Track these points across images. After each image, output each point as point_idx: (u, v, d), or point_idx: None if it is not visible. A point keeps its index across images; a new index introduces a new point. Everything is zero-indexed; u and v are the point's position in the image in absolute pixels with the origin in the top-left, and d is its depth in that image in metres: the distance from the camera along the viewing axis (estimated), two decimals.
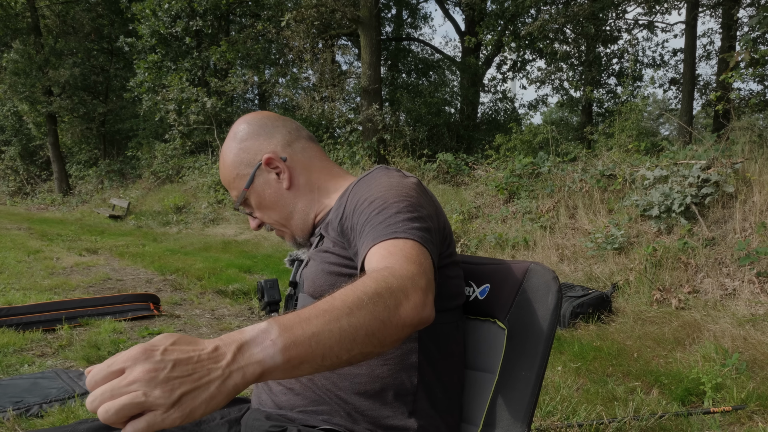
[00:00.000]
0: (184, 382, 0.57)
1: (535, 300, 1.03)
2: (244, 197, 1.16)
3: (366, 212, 0.94)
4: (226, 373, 0.60)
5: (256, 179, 1.14)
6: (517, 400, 0.99)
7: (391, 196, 0.94)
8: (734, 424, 2.43)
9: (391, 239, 0.86)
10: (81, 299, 4.26)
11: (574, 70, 15.58)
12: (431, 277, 0.82)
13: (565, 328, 3.82)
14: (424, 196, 1.01)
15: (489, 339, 1.07)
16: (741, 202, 4.49)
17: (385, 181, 1.00)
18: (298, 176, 1.15)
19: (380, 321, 0.70)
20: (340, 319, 0.67)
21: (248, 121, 1.17)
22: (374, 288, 0.72)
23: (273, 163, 1.13)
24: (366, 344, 0.68)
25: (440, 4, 17.85)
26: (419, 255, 0.83)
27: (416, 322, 0.75)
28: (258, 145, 1.15)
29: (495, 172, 7.56)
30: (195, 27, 13.73)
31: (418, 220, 0.90)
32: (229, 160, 1.16)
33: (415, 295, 0.75)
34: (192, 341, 0.62)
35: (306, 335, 0.64)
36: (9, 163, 22.67)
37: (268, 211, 1.17)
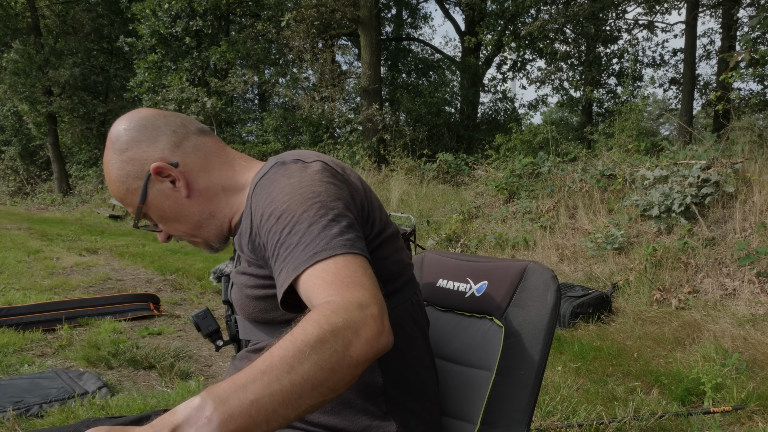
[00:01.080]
0: None
1: (533, 299, 1.03)
2: (140, 213, 1.02)
3: (275, 231, 0.82)
4: None
5: (150, 192, 1.00)
6: (516, 399, 0.99)
7: (297, 204, 0.82)
8: (734, 424, 2.43)
9: (317, 263, 0.75)
10: (81, 299, 4.26)
11: (574, 70, 15.59)
12: (380, 295, 0.73)
13: (565, 328, 3.82)
14: (334, 181, 0.89)
15: (486, 337, 1.07)
16: (741, 202, 4.49)
17: (284, 183, 0.87)
18: (196, 180, 1.01)
19: (328, 369, 0.64)
20: (280, 378, 0.61)
21: (125, 126, 1.01)
22: (316, 334, 0.65)
23: (164, 171, 0.98)
24: (315, 396, 0.63)
25: (440, 4, 17.86)
26: (356, 271, 0.74)
27: (372, 356, 0.68)
28: (142, 152, 0.99)
29: (495, 172, 7.56)
30: (195, 27, 13.73)
31: (336, 221, 0.80)
32: (114, 175, 1.00)
33: (366, 329, 0.68)
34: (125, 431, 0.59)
35: (244, 405, 0.59)
36: (9, 163, 22.67)
37: (173, 223, 1.04)
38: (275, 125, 14.01)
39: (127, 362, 3.14)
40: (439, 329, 1.18)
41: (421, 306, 1.05)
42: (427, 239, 6.63)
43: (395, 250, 0.99)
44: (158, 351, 3.24)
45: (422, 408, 1.00)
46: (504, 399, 1.00)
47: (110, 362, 3.13)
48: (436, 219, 7.32)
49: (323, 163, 0.92)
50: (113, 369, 3.09)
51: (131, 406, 2.48)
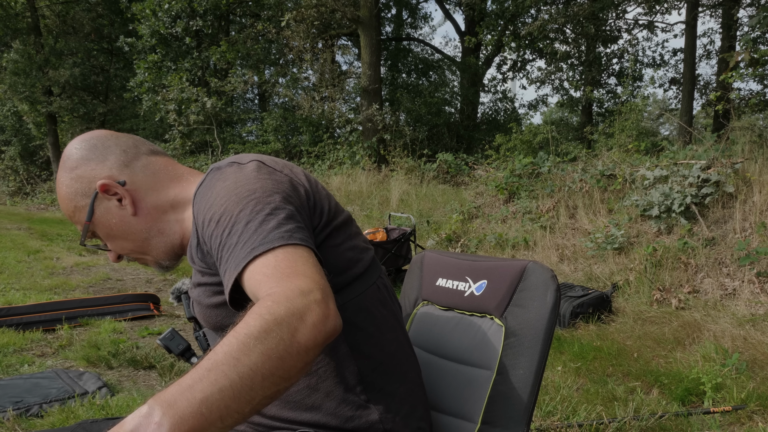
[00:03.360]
0: None
1: (533, 298, 1.03)
2: (87, 231, 1.02)
3: (216, 234, 0.83)
4: None
5: (97, 209, 1.01)
6: (516, 399, 0.99)
7: (233, 205, 0.82)
8: (734, 424, 2.43)
9: (256, 258, 0.75)
10: (81, 299, 4.26)
11: (574, 70, 15.59)
12: (324, 281, 0.73)
13: (565, 328, 3.82)
14: (270, 177, 0.89)
15: (486, 336, 1.07)
16: (741, 202, 4.49)
17: (220, 187, 0.87)
18: (144, 199, 1.02)
19: (276, 358, 0.63)
20: (227, 373, 0.61)
21: (77, 146, 1.02)
22: (259, 325, 0.64)
23: (110, 189, 1.00)
24: (267, 387, 0.63)
25: (440, 4, 17.86)
26: (296, 261, 0.74)
27: (322, 340, 0.68)
28: (90, 171, 1.00)
29: (495, 172, 7.56)
30: (195, 27, 13.73)
31: (273, 215, 0.80)
32: (63, 192, 1.02)
33: (311, 314, 0.67)
34: None
35: (194, 405, 0.59)
36: (9, 163, 22.66)
37: (120, 241, 1.04)
38: (275, 125, 14.02)
39: (127, 362, 3.14)
40: (439, 328, 1.18)
41: (389, 289, 1.05)
42: (427, 239, 6.63)
43: (349, 236, 0.98)
44: (158, 351, 3.24)
45: (404, 388, 0.99)
46: (504, 398, 1.01)
47: (110, 362, 3.13)
48: (436, 219, 7.32)
49: (259, 162, 0.93)
50: (113, 369, 3.09)
51: (131, 407, 2.48)
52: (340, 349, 0.94)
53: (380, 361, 0.97)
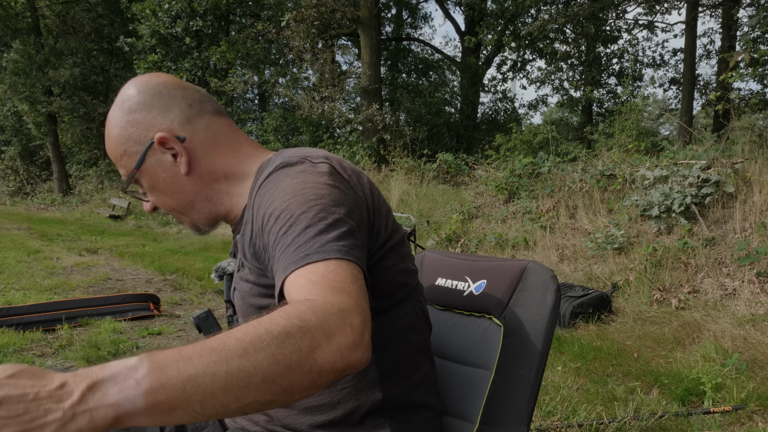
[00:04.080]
0: (9, 423, 0.49)
1: (532, 298, 1.03)
2: (132, 178, 0.97)
3: (273, 231, 0.79)
4: (68, 416, 0.51)
5: (148, 159, 0.95)
6: (516, 399, 0.99)
7: (297, 205, 0.78)
8: (734, 424, 2.43)
9: (307, 265, 0.71)
10: (81, 299, 4.26)
11: (574, 70, 15.59)
12: (366, 307, 0.67)
13: (565, 328, 3.82)
14: (339, 185, 0.85)
15: (485, 336, 1.07)
16: (741, 202, 4.49)
17: (287, 183, 0.84)
18: (199, 160, 0.96)
19: (285, 366, 0.57)
20: (229, 360, 0.55)
21: (140, 88, 0.96)
22: (283, 326, 0.59)
23: (168, 143, 0.94)
24: (263, 392, 0.57)
25: (440, 4, 17.86)
26: (346, 278, 0.69)
27: (341, 367, 0.61)
28: (150, 119, 0.94)
29: (495, 172, 7.56)
30: (195, 27, 13.73)
31: (335, 226, 0.75)
32: (114, 133, 0.96)
33: (341, 336, 0.61)
34: (37, 375, 0.53)
35: (181, 378, 0.54)
36: (9, 163, 22.68)
37: (163, 197, 0.99)
38: (275, 125, 14.02)
39: None
40: (438, 328, 1.18)
41: (425, 313, 1.02)
42: (427, 239, 6.63)
43: (401, 257, 0.95)
44: None
45: (423, 418, 0.97)
46: (503, 398, 1.00)
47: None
48: (436, 219, 7.32)
49: (330, 165, 0.88)
50: None
51: None
52: (369, 373, 0.92)
53: (405, 390, 0.95)
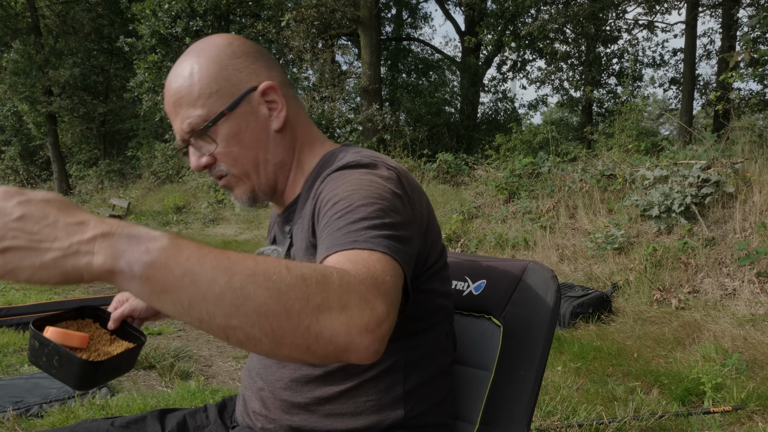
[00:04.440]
0: (19, 237, 0.52)
1: (533, 298, 1.03)
2: (216, 121, 0.89)
3: (327, 215, 0.77)
4: (71, 249, 0.53)
5: (241, 106, 0.90)
6: (516, 399, 0.99)
7: (358, 198, 0.76)
8: (734, 424, 2.43)
9: (352, 250, 0.67)
10: (81, 299, 4.26)
11: (574, 70, 15.59)
12: (396, 306, 0.63)
13: (565, 328, 3.82)
14: (404, 199, 0.83)
15: (484, 336, 1.06)
16: (741, 202, 4.49)
17: (354, 177, 0.82)
18: (291, 122, 0.96)
19: (283, 308, 0.54)
20: (234, 274, 0.53)
21: (242, 41, 0.94)
22: (304, 273, 0.56)
23: (271, 94, 0.92)
24: (251, 324, 0.53)
25: (440, 4, 17.86)
26: (387, 272, 0.65)
27: (342, 345, 0.56)
28: (255, 68, 0.92)
29: (495, 172, 7.56)
30: (195, 27, 13.73)
31: (391, 228, 0.73)
32: (206, 71, 0.89)
33: (357, 313, 0.56)
34: (67, 207, 0.56)
35: (184, 267, 0.53)
36: (9, 163, 22.68)
37: (239, 149, 0.92)
38: None
39: None
40: None
41: (453, 335, 1.03)
42: None
43: (443, 280, 0.95)
44: (158, 351, 3.24)
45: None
46: (503, 399, 1.00)
47: None
48: None
49: (398, 176, 0.86)
50: None
51: (131, 406, 2.48)
52: (395, 390, 0.91)
53: (426, 410, 0.95)
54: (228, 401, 1.14)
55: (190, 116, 0.90)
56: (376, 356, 0.59)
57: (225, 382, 3.02)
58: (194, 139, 0.91)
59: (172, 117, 0.93)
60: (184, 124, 0.90)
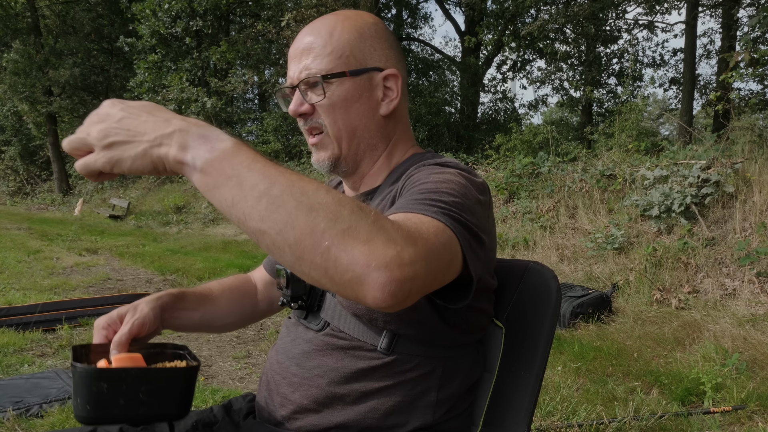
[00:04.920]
0: (120, 133, 0.65)
1: (534, 299, 1.03)
2: (335, 77, 0.91)
3: (410, 192, 0.80)
4: (156, 142, 0.64)
5: (361, 78, 0.93)
6: (517, 400, 0.99)
7: (444, 188, 0.78)
8: (734, 424, 2.43)
9: (418, 213, 0.70)
10: (81, 299, 4.27)
11: (574, 70, 15.60)
12: (428, 260, 0.62)
13: (565, 328, 3.82)
14: (486, 205, 0.86)
15: (486, 337, 1.07)
16: (741, 202, 4.49)
17: (449, 173, 0.84)
18: (397, 114, 0.99)
19: (310, 223, 0.57)
20: (276, 183, 0.59)
21: (387, 28, 0.98)
22: (344, 200, 0.59)
23: (392, 82, 0.95)
24: (278, 231, 0.57)
25: (440, 4, 17.86)
26: (435, 235, 0.66)
27: (356, 277, 0.57)
28: (389, 54, 0.96)
29: (495, 172, 7.56)
30: (195, 27, 13.74)
31: (462, 214, 0.74)
32: (347, 35, 0.93)
33: (381, 248, 0.57)
34: (160, 109, 0.67)
35: (234, 170, 0.60)
36: (9, 163, 22.68)
37: (342, 113, 0.94)
38: (275, 125, 14.02)
39: None
40: None
41: (485, 354, 1.05)
42: None
43: (489, 300, 0.98)
44: None
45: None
46: (505, 400, 1.00)
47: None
48: None
49: (487, 187, 0.90)
50: None
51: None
52: (429, 396, 0.92)
53: (450, 418, 0.96)
54: (234, 401, 1.14)
55: (312, 65, 0.92)
56: (393, 299, 0.58)
57: (225, 382, 3.02)
58: (304, 86, 0.93)
59: (294, 61, 0.95)
60: (302, 71, 0.93)
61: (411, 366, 0.91)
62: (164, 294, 1.00)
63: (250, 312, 1.17)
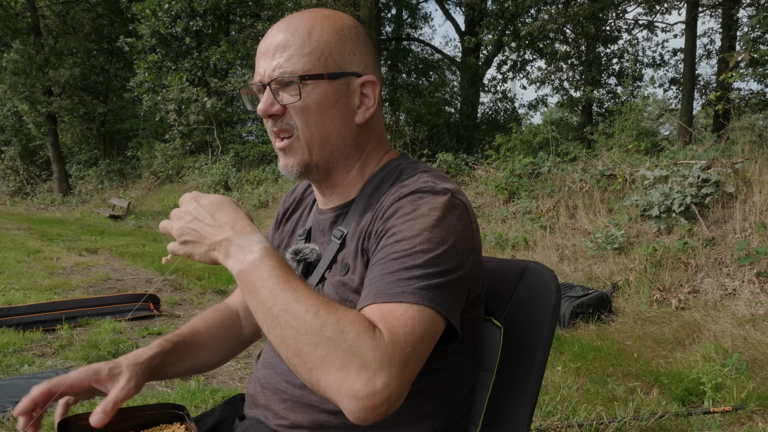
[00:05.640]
0: (190, 234, 0.82)
1: (533, 299, 1.03)
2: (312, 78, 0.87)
3: (386, 250, 0.79)
4: (212, 247, 0.80)
5: (338, 82, 0.89)
6: (516, 400, 0.99)
7: (420, 242, 0.77)
8: (734, 424, 2.43)
9: (394, 302, 0.72)
10: (81, 299, 4.27)
11: (574, 70, 15.58)
12: (405, 383, 0.68)
13: (565, 328, 3.82)
14: (465, 234, 0.83)
15: (485, 337, 1.06)
16: (741, 202, 4.49)
17: (423, 214, 0.81)
18: (372, 122, 0.96)
19: (296, 346, 0.69)
20: (277, 304, 0.71)
21: (367, 33, 0.95)
22: (327, 323, 0.68)
23: (369, 89, 0.92)
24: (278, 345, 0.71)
25: (440, 4, 17.85)
26: (415, 333, 0.70)
27: (331, 397, 0.67)
28: (368, 60, 0.93)
29: (495, 172, 7.56)
30: (195, 27, 13.74)
31: (442, 274, 0.76)
32: (327, 36, 0.89)
33: (353, 377, 0.65)
34: (222, 211, 0.82)
35: (254, 282, 0.74)
36: (9, 163, 22.67)
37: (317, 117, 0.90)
38: None
39: None
40: None
41: (479, 356, 1.05)
42: None
43: (480, 308, 0.97)
44: None
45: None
46: (504, 400, 1.00)
47: None
48: None
49: (466, 209, 0.86)
50: None
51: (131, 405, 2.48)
52: (426, 407, 0.92)
53: (450, 425, 0.96)
54: (236, 399, 1.14)
55: (287, 64, 0.87)
56: (365, 422, 0.66)
57: (225, 382, 3.02)
58: (276, 85, 0.89)
59: (266, 57, 0.90)
60: (275, 69, 0.88)
61: None
62: (154, 354, 0.96)
63: (236, 344, 1.14)
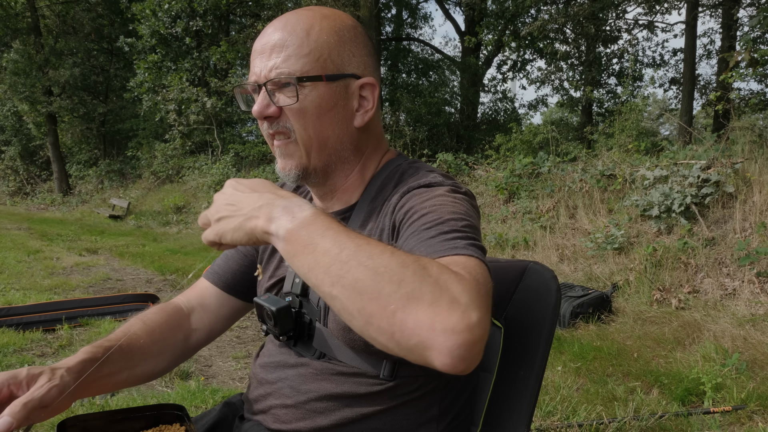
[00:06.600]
0: (225, 209, 0.74)
1: (533, 299, 1.03)
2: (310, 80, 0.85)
3: (414, 225, 0.77)
4: (249, 215, 0.71)
5: (336, 84, 0.87)
6: (516, 400, 0.99)
7: (446, 213, 0.77)
8: (734, 424, 2.43)
9: (456, 255, 0.68)
10: (81, 299, 4.26)
11: (574, 70, 15.58)
12: (489, 311, 0.62)
13: (565, 328, 3.82)
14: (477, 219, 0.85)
15: None
16: (741, 202, 4.49)
17: (440, 195, 0.83)
18: (371, 125, 0.94)
19: (375, 287, 0.58)
20: (345, 249, 0.61)
21: (367, 35, 0.93)
22: (407, 260, 0.60)
23: (368, 92, 0.90)
24: (347, 296, 0.60)
25: (440, 4, 17.85)
26: (486, 276, 0.66)
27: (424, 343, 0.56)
28: (367, 61, 0.91)
29: (495, 172, 7.55)
30: (195, 27, 13.73)
31: (477, 239, 0.75)
32: (326, 37, 0.86)
33: (446, 311, 0.56)
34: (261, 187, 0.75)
35: (311, 236, 0.65)
36: (9, 163, 22.67)
37: (315, 120, 0.87)
38: None
39: None
40: None
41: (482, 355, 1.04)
42: None
43: None
44: None
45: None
46: (505, 400, 1.00)
47: None
48: None
49: (473, 199, 0.90)
50: None
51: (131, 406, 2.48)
52: (431, 410, 0.92)
53: (454, 427, 0.96)
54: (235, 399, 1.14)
55: (284, 64, 0.85)
56: (463, 363, 0.57)
57: (225, 382, 3.02)
58: (272, 86, 0.87)
59: (262, 57, 0.88)
60: (271, 69, 0.86)
61: (414, 387, 0.90)
62: (82, 361, 0.87)
63: (183, 350, 1.06)
